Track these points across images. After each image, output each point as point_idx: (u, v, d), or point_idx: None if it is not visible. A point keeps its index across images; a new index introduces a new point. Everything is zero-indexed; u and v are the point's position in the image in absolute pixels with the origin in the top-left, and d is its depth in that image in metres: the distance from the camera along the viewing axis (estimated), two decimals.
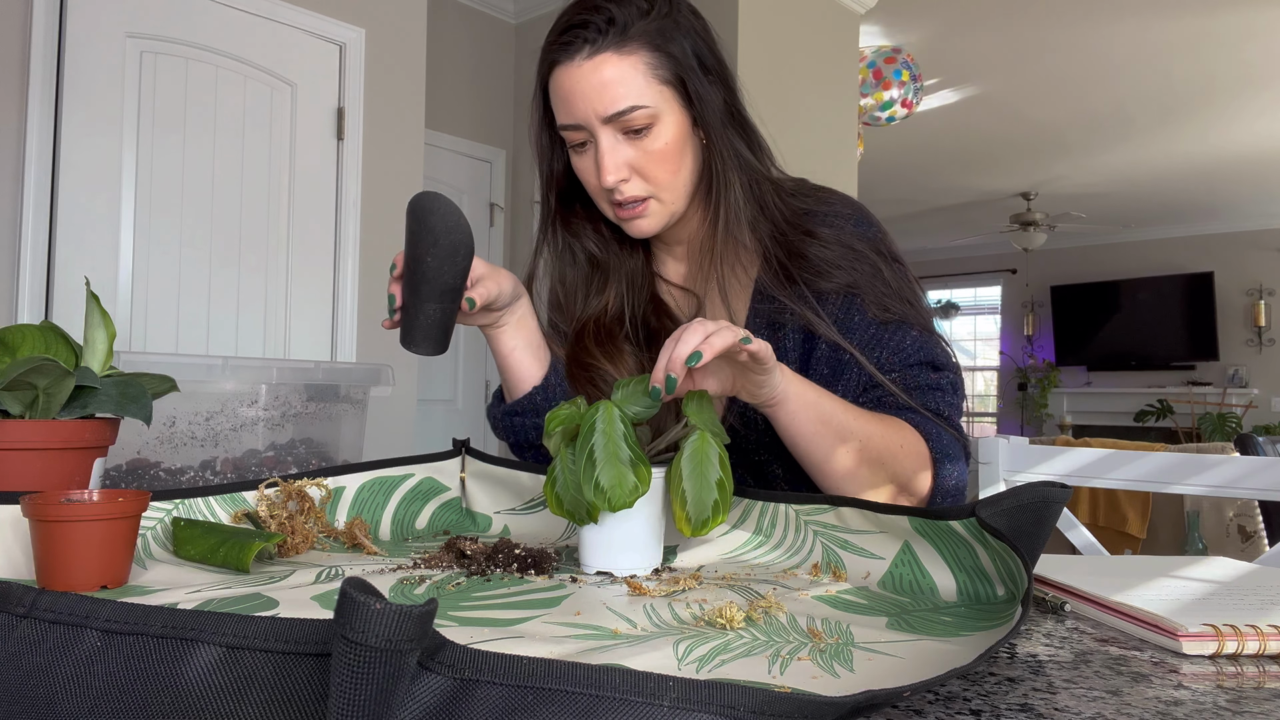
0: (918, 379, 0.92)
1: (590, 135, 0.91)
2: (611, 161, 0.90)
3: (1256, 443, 3.28)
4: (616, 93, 0.88)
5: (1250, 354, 8.42)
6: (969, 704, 0.43)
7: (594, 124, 0.89)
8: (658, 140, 0.90)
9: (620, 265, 1.04)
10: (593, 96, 0.88)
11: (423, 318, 0.83)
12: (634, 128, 0.89)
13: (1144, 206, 8.12)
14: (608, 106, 0.88)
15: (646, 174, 0.92)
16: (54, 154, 2.52)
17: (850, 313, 0.93)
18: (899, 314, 0.93)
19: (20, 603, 0.36)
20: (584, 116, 0.89)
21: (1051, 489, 0.62)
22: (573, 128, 0.91)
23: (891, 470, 0.86)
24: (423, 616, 0.29)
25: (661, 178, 0.92)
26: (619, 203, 0.93)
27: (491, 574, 0.68)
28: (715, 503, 0.70)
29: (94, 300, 0.80)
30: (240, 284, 2.89)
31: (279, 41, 2.96)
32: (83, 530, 0.60)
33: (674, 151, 0.92)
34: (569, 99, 0.90)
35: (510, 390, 1.01)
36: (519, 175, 4.59)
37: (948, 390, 0.92)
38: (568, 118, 0.91)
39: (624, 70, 0.88)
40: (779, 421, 0.83)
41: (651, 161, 0.91)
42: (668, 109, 0.90)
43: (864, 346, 0.92)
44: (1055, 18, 4.34)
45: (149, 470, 0.97)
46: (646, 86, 0.89)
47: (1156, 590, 0.63)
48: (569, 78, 0.89)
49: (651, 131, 0.90)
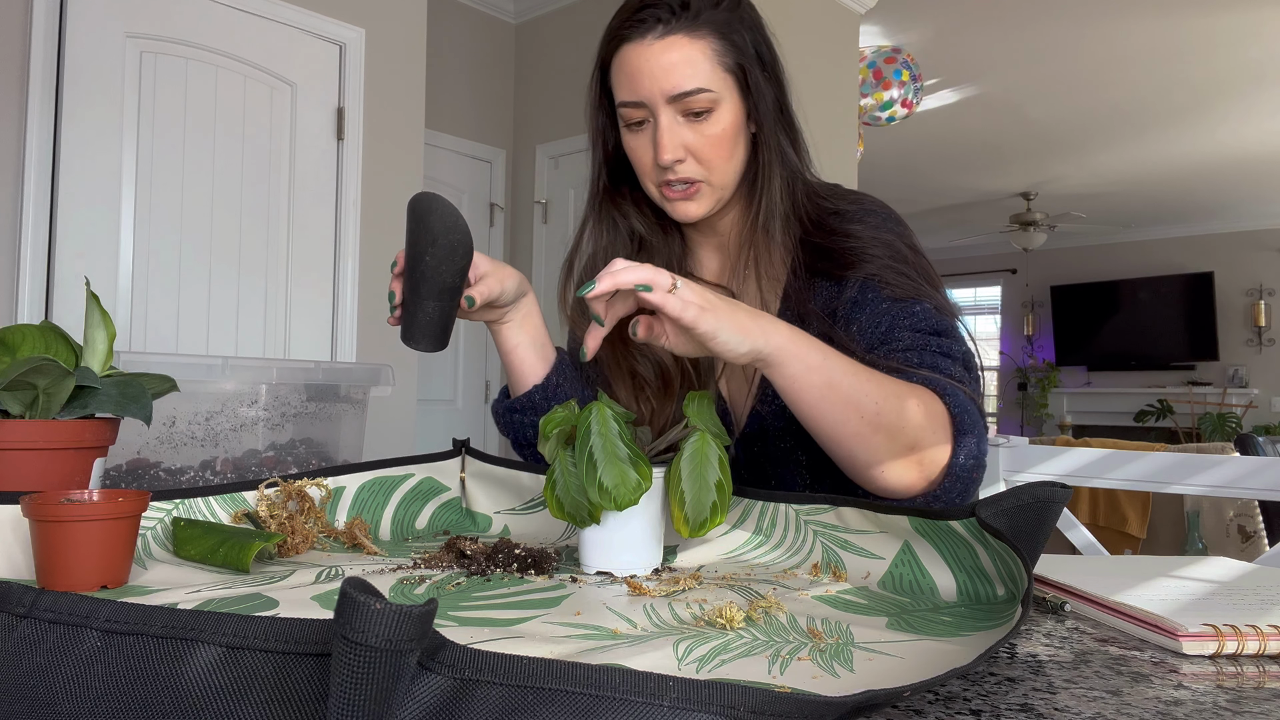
0: (927, 345, 0.88)
1: (650, 114, 0.93)
2: (670, 140, 0.92)
3: (1256, 443, 3.28)
4: (684, 73, 0.90)
5: (1250, 354, 8.42)
6: (969, 704, 0.43)
7: (657, 102, 0.91)
8: (716, 125, 0.92)
9: (662, 249, 1.05)
10: (660, 75, 0.90)
11: (422, 315, 0.84)
12: (695, 110, 0.91)
13: (1144, 206, 8.12)
14: (674, 86, 0.90)
15: (701, 157, 0.93)
16: (54, 154, 2.52)
17: (865, 293, 0.93)
18: (915, 293, 0.92)
19: (20, 603, 0.36)
20: (648, 94, 0.91)
21: (1051, 489, 0.62)
22: (634, 105, 0.93)
23: (912, 438, 0.81)
24: (423, 616, 0.29)
25: (715, 162, 0.94)
26: (669, 182, 0.95)
27: (491, 574, 0.68)
28: (714, 504, 0.70)
29: (94, 300, 0.80)
30: (240, 284, 2.89)
31: (279, 41, 2.96)
32: (83, 530, 0.60)
33: (729, 138, 0.94)
34: (635, 76, 0.92)
35: (513, 387, 1.01)
36: (519, 175, 4.59)
37: (958, 361, 0.88)
38: (630, 95, 0.93)
39: (692, 53, 0.90)
40: (779, 386, 0.78)
41: (708, 145, 0.93)
42: (728, 96, 0.93)
43: (875, 319, 0.90)
44: (1055, 18, 4.34)
45: (149, 470, 0.97)
46: (712, 71, 0.91)
47: (1156, 590, 0.63)
48: (638, 55, 0.91)
49: (711, 116, 0.92)
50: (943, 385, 0.84)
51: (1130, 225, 8.80)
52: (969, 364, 0.89)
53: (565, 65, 4.38)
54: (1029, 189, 7.62)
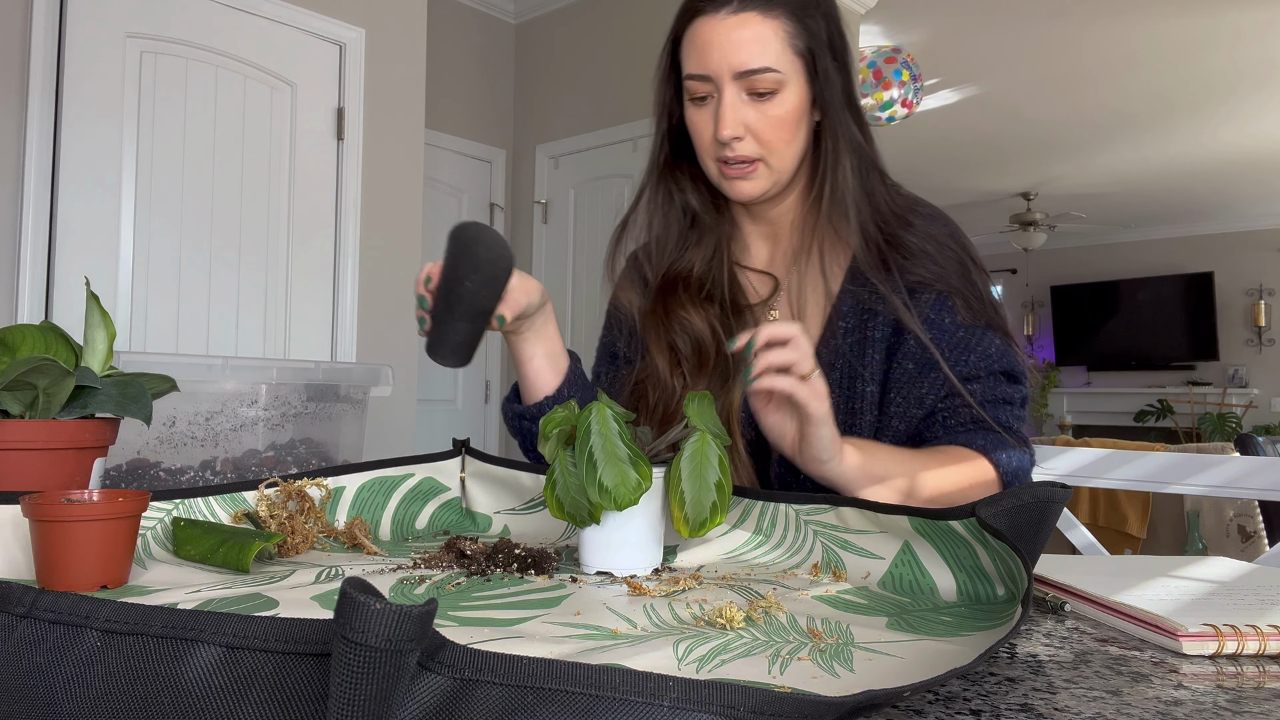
0: (995, 391, 0.94)
1: (715, 88, 0.93)
2: (732, 116, 0.92)
3: (1256, 443, 3.28)
4: (753, 51, 0.91)
5: (1250, 354, 8.42)
6: (969, 704, 0.43)
7: (723, 77, 0.92)
8: (780, 106, 0.93)
9: (713, 228, 1.06)
10: (729, 50, 0.91)
11: (454, 335, 0.85)
12: (760, 90, 0.92)
13: (1144, 206, 8.12)
14: (742, 63, 0.91)
15: (761, 136, 0.94)
16: (54, 154, 2.52)
17: (941, 313, 0.95)
18: (985, 319, 0.96)
19: (20, 603, 0.36)
20: (715, 68, 0.92)
21: (1051, 489, 0.62)
22: (700, 78, 0.94)
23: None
24: (423, 616, 0.29)
25: (775, 144, 0.95)
26: (727, 160, 0.95)
27: (491, 574, 0.68)
28: (714, 504, 0.70)
29: (94, 300, 0.80)
30: (240, 284, 2.89)
31: (279, 41, 2.96)
32: (83, 530, 0.60)
33: (791, 120, 0.94)
34: (705, 49, 0.92)
35: (525, 395, 1.01)
36: (519, 175, 4.59)
37: (1018, 404, 0.95)
38: (698, 68, 0.93)
39: (764, 32, 0.91)
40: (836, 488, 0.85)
41: (769, 125, 0.94)
42: (795, 79, 0.93)
43: (952, 349, 0.94)
44: (1055, 18, 4.34)
45: (149, 470, 0.97)
46: (781, 52, 0.92)
47: (1156, 590, 0.63)
48: (710, 29, 0.92)
49: (776, 97, 0.93)
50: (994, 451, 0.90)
51: (1130, 225, 8.80)
52: (1026, 401, 0.95)
53: (565, 65, 4.38)
54: (1029, 189, 7.62)
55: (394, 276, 3.26)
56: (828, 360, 0.98)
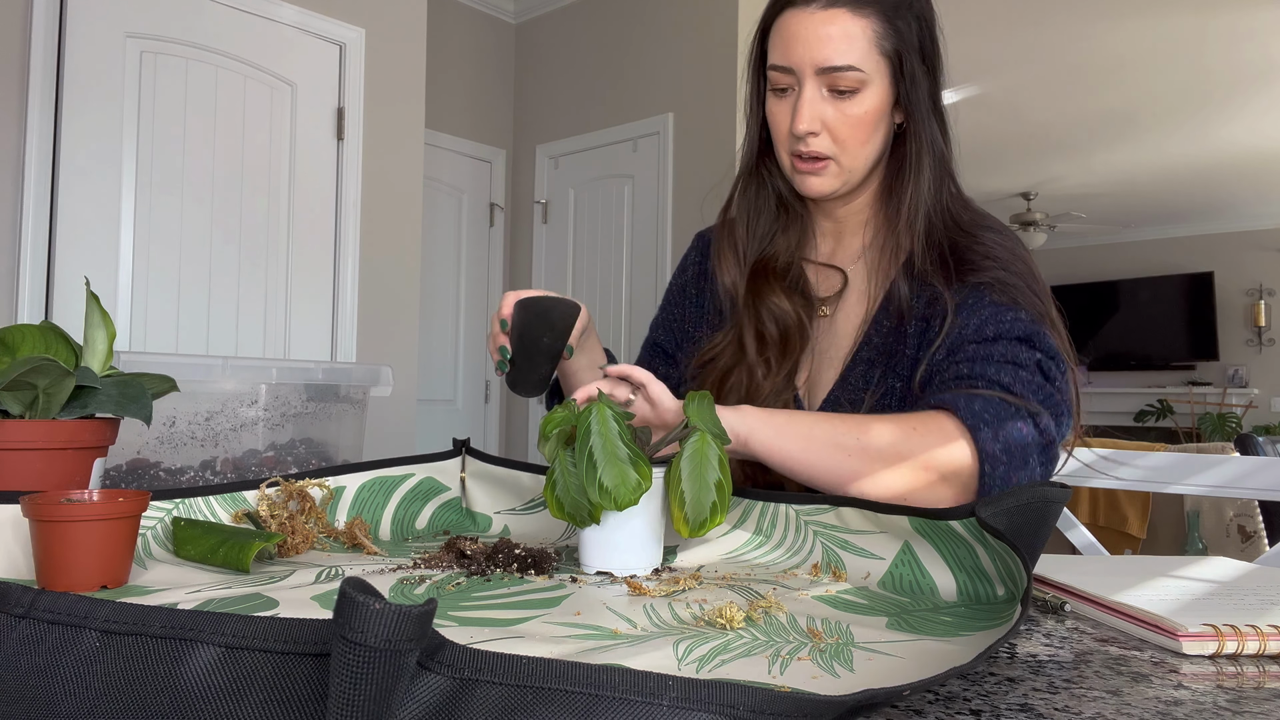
0: (989, 352, 0.87)
1: (797, 81, 0.93)
2: (809, 111, 0.93)
3: (1256, 443, 3.28)
4: (839, 48, 0.91)
5: (1250, 354, 8.42)
6: (969, 704, 0.43)
7: (805, 71, 0.92)
8: (859, 106, 0.93)
9: (797, 218, 1.07)
10: (815, 44, 0.91)
11: (535, 375, 0.94)
12: (841, 87, 0.92)
13: (1144, 206, 8.12)
14: (827, 58, 0.91)
15: (837, 135, 0.94)
16: (54, 154, 2.52)
17: (970, 297, 0.92)
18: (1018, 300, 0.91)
19: (19, 603, 0.36)
20: (799, 61, 0.92)
21: (1051, 489, 0.62)
22: (783, 70, 0.94)
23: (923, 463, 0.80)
24: (422, 616, 0.29)
25: (850, 143, 0.95)
26: (800, 154, 0.96)
27: (491, 574, 0.68)
28: (713, 504, 0.70)
29: (94, 300, 0.80)
30: (240, 284, 2.89)
31: (279, 41, 2.97)
32: (83, 530, 0.60)
33: (869, 121, 0.94)
34: (790, 41, 0.93)
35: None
36: (519, 175, 4.59)
37: (1028, 368, 0.86)
38: (782, 59, 0.94)
39: (852, 30, 0.91)
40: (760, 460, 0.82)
41: (846, 124, 0.93)
42: (878, 80, 0.93)
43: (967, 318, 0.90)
44: (1055, 18, 4.34)
45: (149, 470, 0.97)
46: (867, 52, 0.91)
47: (1156, 590, 0.63)
48: (798, 21, 0.92)
49: (856, 96, 0.92)
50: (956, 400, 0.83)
51: (1130, 225, 8.80)
52: (1046, 370, 0.87)
53: (565, 65, 4.38)
54: (1029, 189, 7.61)
55: (394, 276, 3.26)
56: (869, 358, 0.97)
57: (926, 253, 0.96)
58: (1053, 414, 0.84)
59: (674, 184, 3.87)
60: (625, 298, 4.07)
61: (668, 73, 3.92)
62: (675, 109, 3.90)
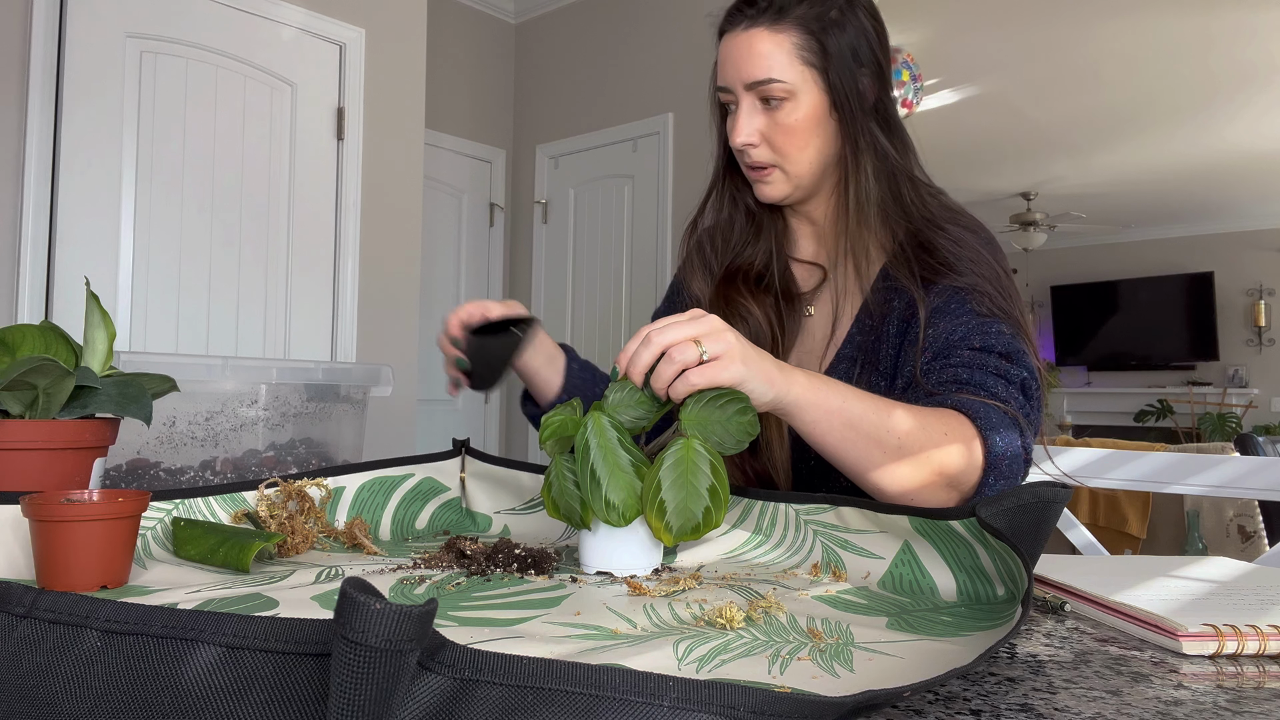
0: (984, 362, 0.90)
1: (735, 99, 1.01)
2: (745, 125, 1.00)
3: (1256, 443, 3.28)
4: (760, 64, 0.97)
5: (1250, 354, 8.42)
6: (969, 704, 0.43)
7: (738, 89, 1.00)
8: (790, 115, 0.98)
9: (768, 226, 1.12)
10: (741, 63, 0.99)
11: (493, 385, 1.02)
12: (771, 98, 0.98)
13: (1144, 206, 8.12)
14: (750, 74, 0.98)
15: (774, 143, 1.00)
16: (54, 154, 2.52)
17: (951, 302, 0.95)
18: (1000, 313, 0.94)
19: (20, 603, 0.36)
20: (731, 80, 1.00)
21: (1051, 489, 0.62)
22: (723, 90, 1.02)
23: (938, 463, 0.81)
24: (423, 616, 0.29)
25: (788, 149, 1.00)
26: (749, 165, 1.03)
27: (491, 574, 0.68)
28: (706, 509, 0.68)
29: (94, 300, 0.80)
30: (240, 284, 2.89)
31: (279, 41, 2.97)
32: (83, 530, 0.60)
33: (803, 128, 0.99)
34: (724, 63, 1.01)
35: (537, 397, 1.11)
36: (519, 175, 4.59)
37: (1014, 385, 0.89)
38: (721, 80, 1.02)
39: (771, 46, 0.97)
40: (801, 431, 0.80)
41: (780, 133, 0.99)
42: (806, 89, 0.98)
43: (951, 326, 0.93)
44: (1055, 18, 4.34)
45: (149, 470, 0.97)
46: (789, 65, 0.97)
47: (1156, 590, 0.63)
48: (728, 44, 1.01)
49: (786, 105, 0.98)
50: (974, 406, 0.84)
51: (1130, 225, 8.80)
52: (1027, 389, 0.90)
53: (565, 65, 4.38)
54: (1029, 189, 7.62)
55: (394, 276, 3.26)
56: (850, 356, 1.01)
57: (899, 252, 1.00)
58: (1032, 432, 0.90)
59: (674, 184, 3.88)
60: (625, 298, 4.07)
61: (668, 73, 3.92)
62: (675, 109, 3.90)
